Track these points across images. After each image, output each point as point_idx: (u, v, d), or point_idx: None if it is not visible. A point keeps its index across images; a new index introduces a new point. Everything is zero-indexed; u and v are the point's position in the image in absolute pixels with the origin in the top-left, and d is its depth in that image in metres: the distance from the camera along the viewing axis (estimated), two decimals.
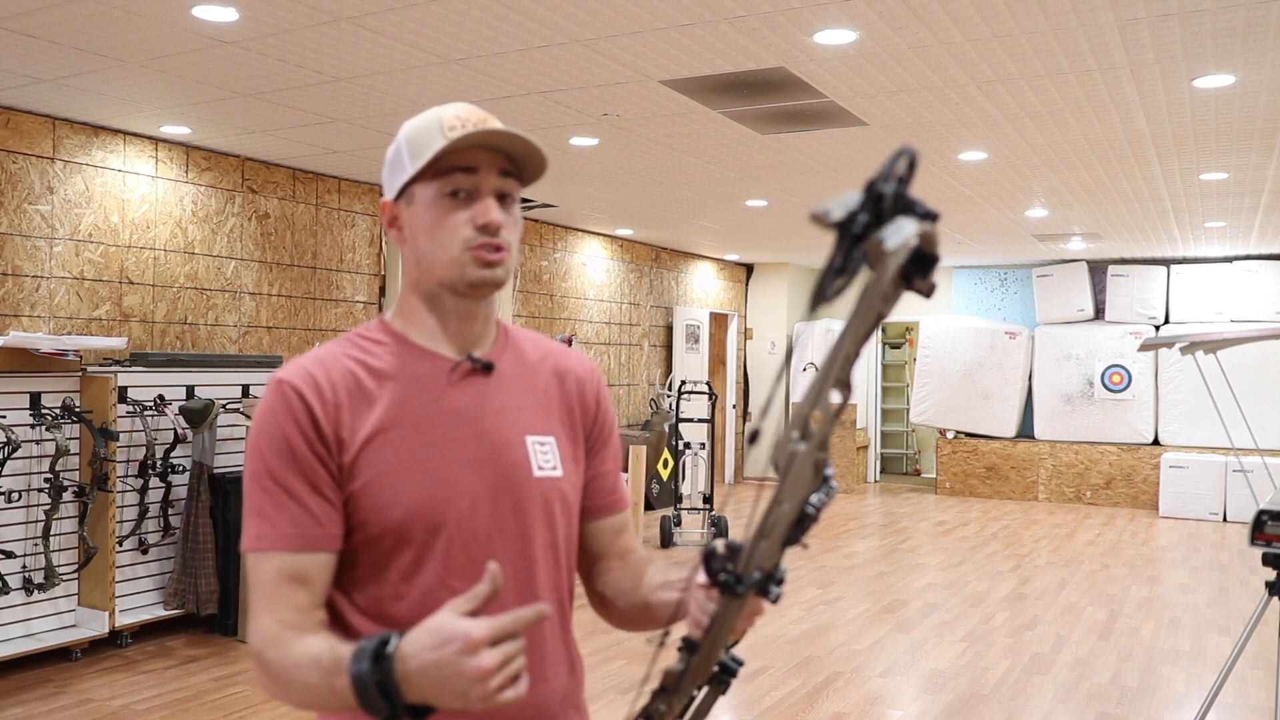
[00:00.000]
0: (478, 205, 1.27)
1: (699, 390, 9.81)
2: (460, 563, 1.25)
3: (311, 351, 1.31)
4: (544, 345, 1.44)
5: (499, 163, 1.29)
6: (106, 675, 4.91)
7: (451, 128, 1.26)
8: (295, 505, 1.21)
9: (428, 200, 1.28)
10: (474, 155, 1.27)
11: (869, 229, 0.81)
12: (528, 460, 1.31)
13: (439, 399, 1.29)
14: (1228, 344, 4.47)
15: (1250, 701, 4.76)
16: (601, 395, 1.45)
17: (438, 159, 1.26)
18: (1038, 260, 11.89)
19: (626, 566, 1.43)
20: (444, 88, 4.81)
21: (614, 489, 1.45)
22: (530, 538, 1.30)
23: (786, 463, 0.88)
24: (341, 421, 1.24)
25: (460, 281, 1.28)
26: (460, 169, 1.27)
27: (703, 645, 1.02)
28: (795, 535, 0.92)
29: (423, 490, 1.24)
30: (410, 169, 1.27)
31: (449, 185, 1.27)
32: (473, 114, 1.28)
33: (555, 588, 1.34)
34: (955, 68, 4.40)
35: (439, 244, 1.27)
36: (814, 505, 0.90)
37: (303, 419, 1.22)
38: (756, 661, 5.27)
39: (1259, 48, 4.08)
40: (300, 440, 1.22)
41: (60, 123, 5.50)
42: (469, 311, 1.32)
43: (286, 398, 1.23)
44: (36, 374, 5.07)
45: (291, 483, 1.21)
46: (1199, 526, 10.07)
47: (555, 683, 1.32)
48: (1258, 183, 6.92)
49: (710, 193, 7.74)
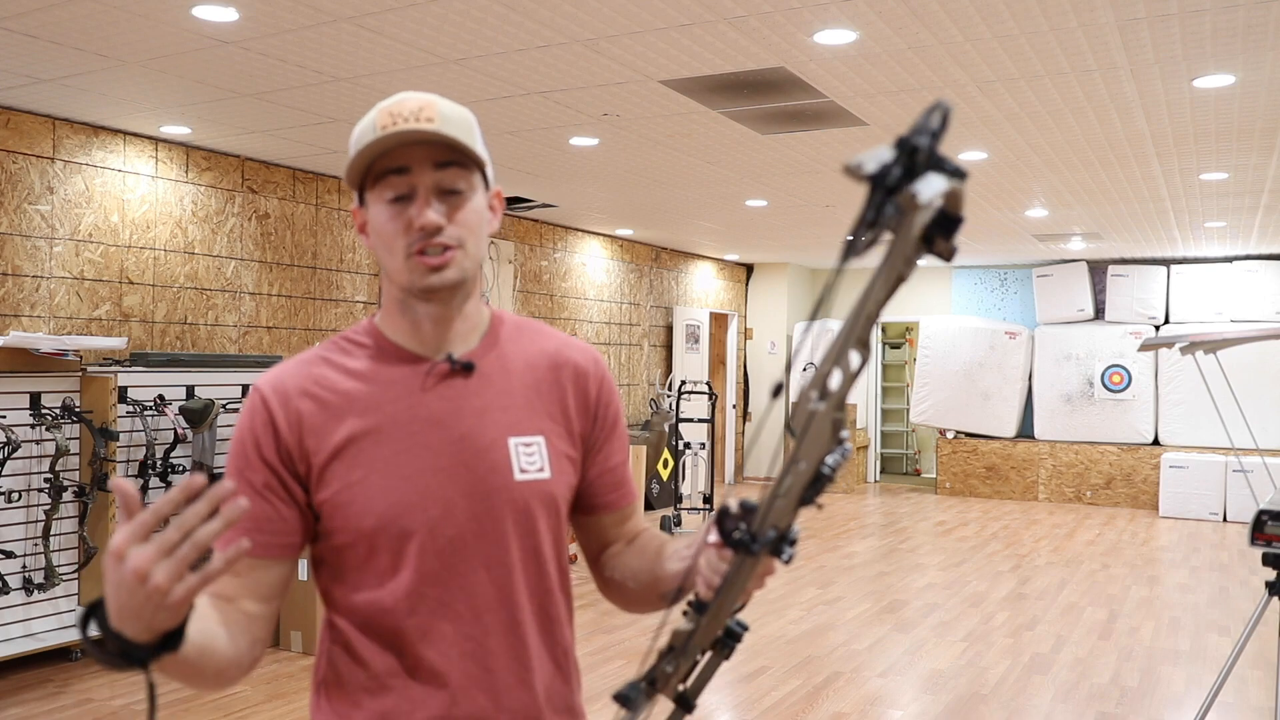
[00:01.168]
0: (413, 207, 1.21)
1: (699, 390, 9.82)
2: (434, 569, 1.24)
3: (295, 356, 1.31)
4: (543, 337, 1.39)
5: (435, 155, 1.22)
6: (106, 675, 4.91)
7: (383, 126, 1.20)
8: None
9: (376, 205, 1.24)
10: (406, 153, 1.21)
11: (901, 183, 0.81)
12: (508, 463, 1.28)
13: (415, 403, 1.27)
14: (1228, 344, 4.47)
15: (1250, 701, 4.76)
16: (604, 386, 1.39)
17: (370, 163, 1.22)
18: (1038, 260, 11.89)
19: (634, 546, 1.40)
20: (444, 88, 4.81)
21: (621, 483, 1.41)
22: (505, 543, 1.27)
23: (805, 422, 0.88)
24: (305, 431, 1.24)
25: (412, 288, 1.25)
26: (392, 171, 1.21)
27: (712, 604, 1.01)
28: (810, 495, 0.92)
29: (394, 498, 1.23)
30: (351, 173, 1.24)
31: (387, 188, 1.22)
32: (405, 107, 1.21)
33: (538, 591, 1.30)
34: (955, 68, 4.40)
35: (388, 251, 1.24)
36: (829, 466, 0.90)
37: (262, 430, 1.25)
38: (756, 661, 5.27)
39: (1259, 48, 4.08)
40: (254, 450, 1.25)
41: (60, 123, 5.51)
42: (440, 313, 1.28)
43: (254, 406, 1.27)
44: (36, 374, 5.07)
45: (241, 488, 1.24)
46: (1199, 526, 10.07)
47: (537, 688, 1.29)
48: (1258, 183, 6.92)
49: (710, 193, 7.74)
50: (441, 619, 1.24)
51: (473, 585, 1.26)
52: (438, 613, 1.24)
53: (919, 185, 0.80)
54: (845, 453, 0.90)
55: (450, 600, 1.25)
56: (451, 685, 1.24)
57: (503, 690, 1.27)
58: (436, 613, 1.24)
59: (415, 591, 1.24)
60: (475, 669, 1.25)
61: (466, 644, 1.25)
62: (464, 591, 1.25)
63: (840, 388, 0.87)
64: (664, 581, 1.31)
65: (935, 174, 0.81)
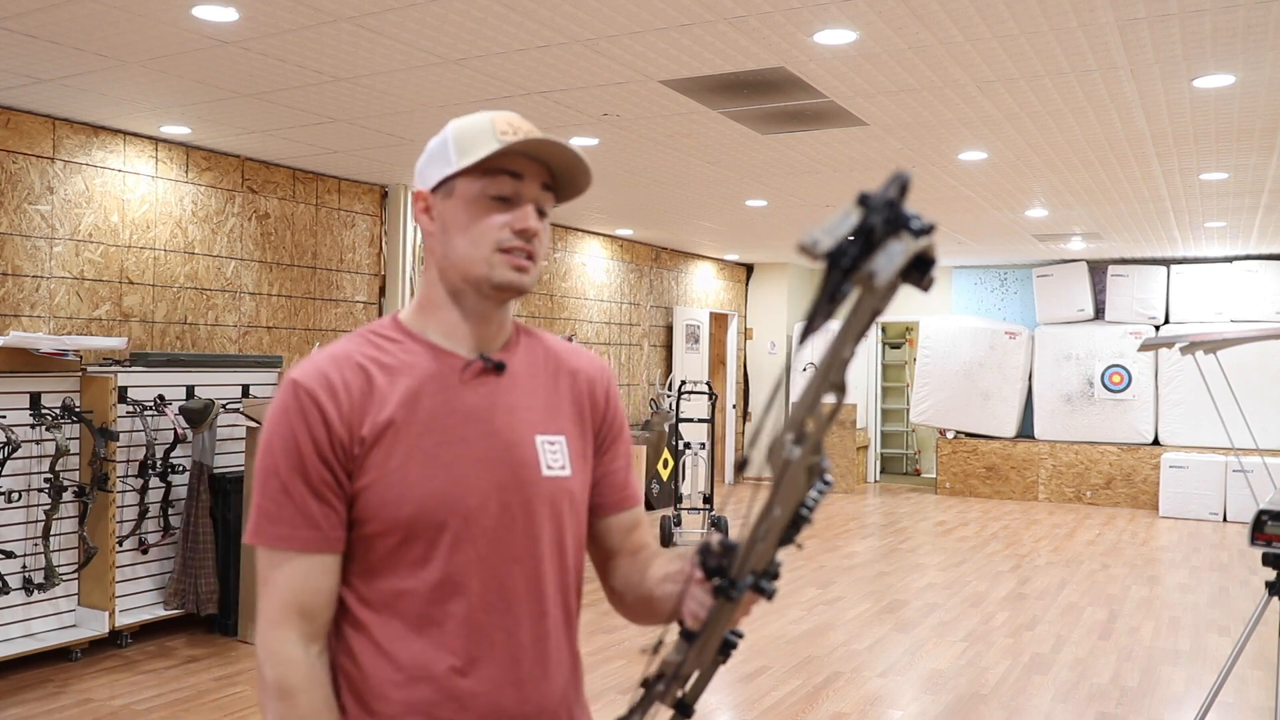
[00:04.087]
0: (518, 211, 1.30)
1: (699, 390, 9.82)
2: (468, 559, 1.27)
3: (325, 349, 1.32)
4: (556, 346, 1.45)
5: (542, 175, 1.32)
6: (106, 675, 4.91)
7: (504, 132, 1.28)
8: (296, 508, 1.25)
9: (469, 197, 1.30)
10: (522, 163, 1.30)
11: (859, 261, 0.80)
12: (537, 459, 1.32)
13: (451, 398, 1.30)
14: (1228, 344, 4.47)
15: (1250, 701, 4.76)
16: (611, 393, 1.46)
17: (489, 160, 1.28)
18: (1038, 260, 11.89)
19: (636, 561, 1.44)
20: (444, 88, 4.81)
21: (624, 485, 1.46)
22: (538, 536, 1.31)
23: (780, 470, 0.88)
24: (354, 422, 1.26)
25: (486, 281, 1.30)
26: (508, 173, 1.29)
27: (698, 640, 1.03)
28: (790, 536, 0.92)
29: (432, 487, 1.26)
30: (456, 163, 1.29)
31: (494, 187, 1.29)
32: (523, 124, 1.31)
33: (562, 586, 1.35)
34: (955, 68, 4.40)
35: (473, 241, 1.29)
36: (808, 507, 0.90)
37: (315, 423, 1.25)
38: (756, 661, 5.27)
39: (1259, 48, 4.08)
40: (309, 445, 1.25)
41: (60, 123, 5.50)
42: (487, 312, 1.34)
43: (300, 400, 1.26)
44: (36, 374, 5.07)
45: (296, 486, 1.24)
46: (1199, 526, 10.07)
47: (558, 681, 1.33)
48: (1258, 183, 6.92)
49: (710, 193, 7.74)
50: (474, 610, 1.27)
51: (505, 578, 1.28)
52: (471, 604, 1.26)
53: (878, 262, 0.80)
54: (823, 488, 0.90)
55: (483, 591, 1.27)
56: (481, 677, 1.26)
57: (528, 683, 1.29)
58: (470, 604, 1.26)
59: (449, 581, 1.26)
60: (505, 661, 1.28)
61: (498, 635, 1.28)
62: (497, 583, 1.28)
63: (815, 432, 0.87)
64: (655, 601, 1.35)
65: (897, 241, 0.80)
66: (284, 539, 1.24)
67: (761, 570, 0.95)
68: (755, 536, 0.93)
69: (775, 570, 0.96)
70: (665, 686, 1.05)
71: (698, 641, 1.03)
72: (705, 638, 1.02)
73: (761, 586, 0.96)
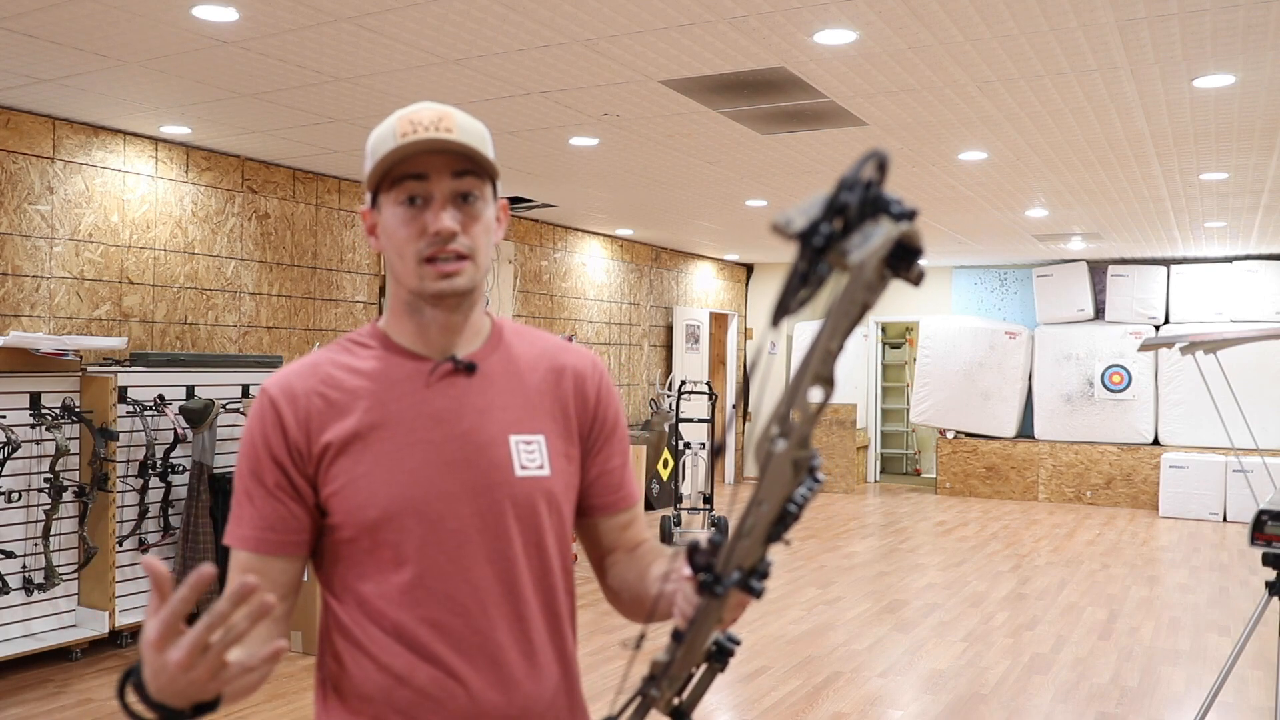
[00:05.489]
0: (427, 214, 1.25)
1: (699, 390, 9.82)
2: (437, 562, 1.26)
3: (302, 358, 1.34)
4: (542, 342, 1.42)
5: (453, 164, 1.25)
6: (107, 675, 4.91)
7: (403, 133, 1.23)
8: (254, 511, 1.28)
9: (389, 208, 1.27)
10: (424, 161, 1.24)
11: (833, 239, 0.77)
12: (509, 460, 1.30)
13: (419, 401, 1.30)
14: (1228, 344, 4.47)
15: (1250, 701, 4.76)
16: (603, 389, 1.43)
17: (389, 169, 1.25)
18: (1038, 260, 11.89)
19: (632, 558, 1.42)
20: (444, 88, 4.81)
21: (620, 485, 1.44)
22: (509, 537, 1.29)
23: (764, 462, 0.87)
24: (313, 430, 1.28)
25: (422, 293, 1.28)
26: (410, 176, 1.25)
27: (685, 639, 1.02)
28: (778, 532, 0.91)
29: (397, 490, 1.26)
30: (370, 176, 1.28)
31: (403, 193, 1.25)
32: (425, 116, 1.25)
33: (544, 587, 1.33)
34: (955, 68, 4.40)
35: (399, 255, 1.27)
36: (796, 502, 0.89)
37: (272, 430, 1.28)
38: (756, 661, 5.27)
39: (1259, 48, 4.08)
40: (265, 450, 1.28)
41: (60, 123, 5.50)
42: (447, 319, 1.32)
43: (263, 408, 1.30)
44: (36, 374, 5.07)
45: (254, 489, 1.28)
46: (1199, 526, 10.07)
47: (547, 683, 1.32)
48: (1258, 183, 6.92)
49: (710, 193, 7.74)
50: (448, 613, 1.26)
51: (477, 579, 1.27)
52: (445, 606, 1.26)
53: (853, 241, 0.76)
54: (813, 486, 0.88)
55: (455, 594, 1.26)
56: (464, 679, 1.26)
57: (513, 685, 1.28)
58: (443, 606, 1.26)
59: (419, 585, 1.26)
60: (486, 663, 1.27)
61: (475, 638, 1.27)
62: (469, 585, 1.27)
63: (801, 426, 0.85)
64: (649, 600, 1.34)
65: (877, 223, 0.76)
66: (243, 540, 1.28)
67: (750, 568, 0.94)
68: (740, 530, 0.92)
69: (765, 569, 0.95)
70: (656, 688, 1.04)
71: (684, 640, 1.02)
72: (691, 636, 1.01)
73: (749, 585, 0.95)
